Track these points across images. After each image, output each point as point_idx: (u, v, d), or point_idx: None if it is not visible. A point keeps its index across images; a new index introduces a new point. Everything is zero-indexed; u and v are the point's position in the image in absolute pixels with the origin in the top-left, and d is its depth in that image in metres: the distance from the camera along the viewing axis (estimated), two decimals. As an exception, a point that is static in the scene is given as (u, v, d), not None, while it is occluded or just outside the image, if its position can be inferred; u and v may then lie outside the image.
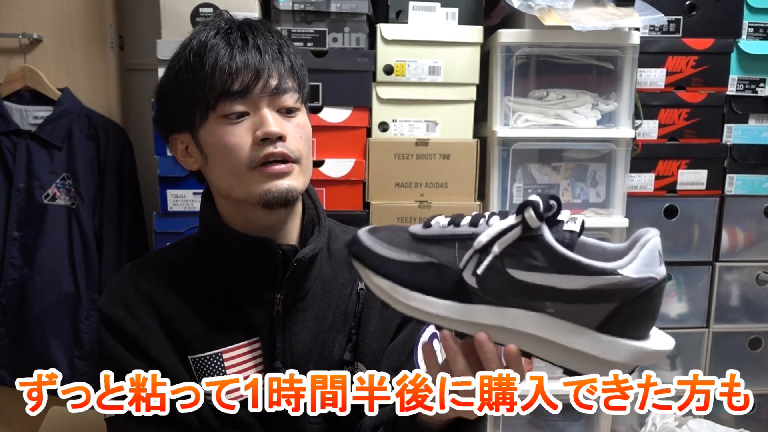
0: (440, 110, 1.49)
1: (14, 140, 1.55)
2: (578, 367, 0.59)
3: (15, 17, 1.59)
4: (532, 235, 0.58)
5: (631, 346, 0.57)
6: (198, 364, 0.85)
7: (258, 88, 0.80)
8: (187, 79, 0.82)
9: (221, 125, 0.81)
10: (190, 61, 0.82)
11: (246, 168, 0.80)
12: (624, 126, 1.51)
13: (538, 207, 0.57)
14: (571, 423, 1.61)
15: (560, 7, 1.40)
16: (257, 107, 0.81)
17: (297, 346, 0.87)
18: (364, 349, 0.90)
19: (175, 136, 0.87)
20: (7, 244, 1.55)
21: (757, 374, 1.72)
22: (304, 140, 0.84)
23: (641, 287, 0.55)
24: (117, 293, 0.86)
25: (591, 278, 0.56)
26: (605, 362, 0.57)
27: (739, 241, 1.68)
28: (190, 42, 0.83)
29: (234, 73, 0.79)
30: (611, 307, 0.56)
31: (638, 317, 0.57)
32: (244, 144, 0.80)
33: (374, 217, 1.47)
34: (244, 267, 0.86)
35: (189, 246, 0.93)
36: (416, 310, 0.65)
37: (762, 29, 1.61)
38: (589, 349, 0.57)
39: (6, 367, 1.58)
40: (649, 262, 0.56)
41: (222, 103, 0.80)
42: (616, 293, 0.56)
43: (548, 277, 0.58)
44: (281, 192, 0.81)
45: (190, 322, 0.85)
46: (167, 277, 0.87)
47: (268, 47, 0.82)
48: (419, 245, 0.65)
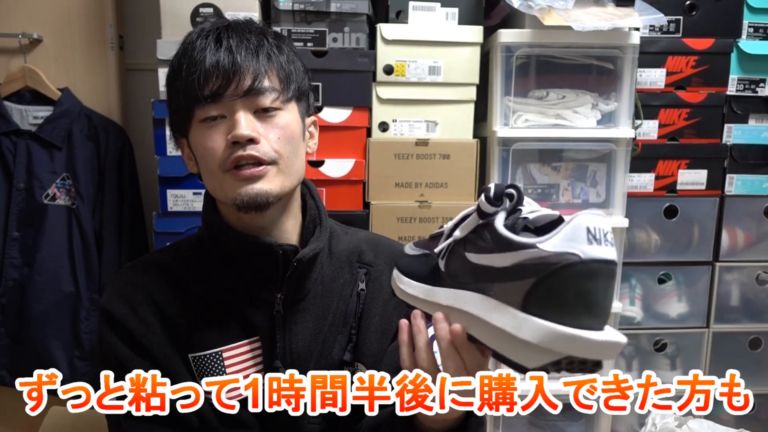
0: (440, 110, 1.49)
1: (14, 140, 1.55)
2: (500, 348, 0.58)
3: (15, 17, 1.59)
4: (488, 222, 0.60)
5: (544, 326, 0.53)
6: (198, 363, 0.86)
7: (229, 90, 0.80)
8: (171, 85, 0.85)
9: (201, 129, 0.82)
10: (175, 67, 0.84)
11: (220, 170, 0.81)
12: (624, 126, 1.51)
13: (489, 193, 0.60)
14: (571, 423, 1.61)
15: (560, 7, 1.40)
16: (231, 110, 0.81)
17: (297, 345, 0.87)
18: (364, 349, 0.90)
19: (181, 140, 0.89)
20: (7, 244, 1.55)
21: (757, 374, 1.72)
22: (285, 140, 0.83)
23: (556, 262, 0.52)
24: (119, 291, 0.87)
25: (515, 253, 0.56)
26: (518, 341, 0.55)
27: (739, 241, 1.68)
28: (180, 46, 0.85)
29: (204, 78, 0.80)
30: (530, 282, 0.54)
31: (559, 297, 0.53)
32: (218, 147, 0.81)
33: (374, 217, 1.47)
34: (244, 266, 0.87)
35: (189, 245, 0.93)
36: (400, 291, 0.73)
37: (762, 29, 1.61)
38: (505, 325, 0.56)
39: (6, 367, 1.58)
40: (572, 237, 0.53)
41: (197, 108, 0.81)
42: (531, 267, 0.54)
43: (489, 257, 0.59)
44: (250, 196, 0.81)
45: (190, 321, 0.86)
46: (169, 276, 0.88)
47: (241, 47, 0.81)
48: (429, 242, 0.72)
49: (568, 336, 0.52)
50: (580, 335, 0.52)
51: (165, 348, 0.84)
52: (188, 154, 0.89)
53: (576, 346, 0.52)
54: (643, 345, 1.68)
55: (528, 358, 0.55)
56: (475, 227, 0.62)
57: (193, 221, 1.45)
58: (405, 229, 1.47)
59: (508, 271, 0.56)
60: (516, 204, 0.61)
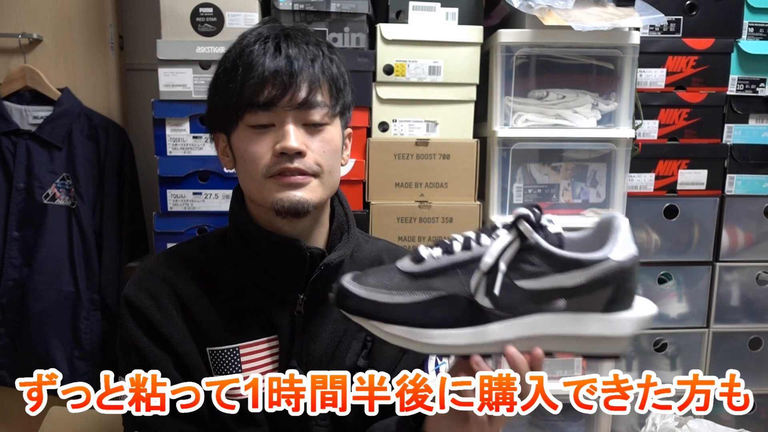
0: (440, 110, 1.49)
1: (14, 140, 1.55)
2: (595, 350, 0.65)
3: (15, 17, 1.59)
4: (528, 245, 0.63)
5: (634, 318, 0.64)
6: (215, 357, 0.87)
7: (284, 101, 0.81)
8: (224, 85, 0.84)
9: (248, 133, 0.83)
10: (228, 67, 0.84)
11: (262, 176, 0.82)
12: (624, 126, 1.51)
13: (530, 219, 0.63)
14: (571, 423, 1.61)
15: (560, 7, 1.39)
16: (282, 120, 0.82)
17: (314, 348, 0.89)
18: (378, 356, 0.91)
19: (218, 134, 0.90)
20: (7, 244, 1.55)
21: (757, 374, 1.72)
22: (328, 154, 0.85)
23: (630, 265, 0.63)
24: (143, 282, 0.88)
25: (590, 270, 0.62)
26: (618, 338, 0.64)
27: (739, 241, 1.68)
28: (234, 47, 0.85)
29: (261, 85, 0.80)
30: (610, 289, 0.63)
31: (630, 290, 0.64)
32: (264, 154, 0.82)
33: (374, 217, 1.47)
34: (270, 265, 0.88)
35: (214, 241, 0.95)
36: (441, 347, 0.65)
37: (762, 29, 1.61)
38: (601, 331, 0.63)
39: (6, 367, 1.58)
40: (628, 242, 0.63)
41: (249, 113, 0.82)
42: (612, 277, 0.62)
43: (552, 279, 0.63)
44: (292, 202, 0.82)
45: (211, 316, 0.87)
46: (192, 271, 0.89)
47: (299, 57, 0.82)
48: (420, 282, 0.65)
49: (650, 317, 0.64)
50: (653, 313, 0.65)
51: (185, 340, 0.86)
52: (224, 150, 0.90)
53: (651, 321, 0.65)
54: (643, 345, 1.68)
55: (620, 347, 0.65)
56: (516, 253, 0.64)
57: (193, 221, 1.45)
58: (405, 229, 1.47)
59: (584, 287, 0.62)
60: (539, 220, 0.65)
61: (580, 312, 0.63)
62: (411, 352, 0.90)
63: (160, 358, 0.84)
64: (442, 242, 0.67)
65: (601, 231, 0.67)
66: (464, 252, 0.65)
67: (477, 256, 0.64)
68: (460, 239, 0.66)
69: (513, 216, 0.64)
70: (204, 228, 1.45)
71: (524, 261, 0.63)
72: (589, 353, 0.65)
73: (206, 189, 1.44)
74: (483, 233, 0.66)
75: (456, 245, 0.66)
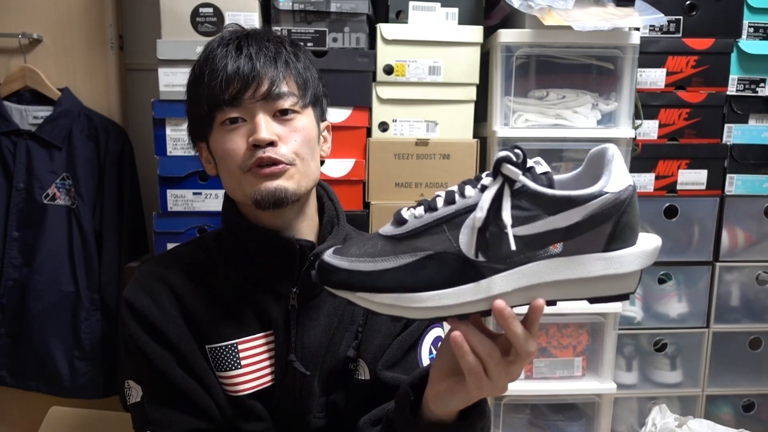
0: (440, 110, 1.49)
1: (14, 140, 1.55)
2: (601, 292, 0.60)
3: (15, 17, 1.59)
4: (517, 189, 0.58)
5: (638, 252, 0.59)
6: (214, 354, 0.88)
7: (248, 94, 0.83)
8: (194, 91, 0.88)
9: (222, 132, 0.86)
10: (197, 74, 0.87)
11: (240, 170, 0.85)
12: (624, 126, 1.51)
13: (512, 160, 0.58)
14: (571, 423, 1.61)
15: (560, 7, 1.40)
16: (252, 114, 0.85)
17: (309, 340, 0.90)
18: (366, 346, 0.92)
19: (199, 144, 0.93)
20: (7, 244, 1.55)
21: (757, 374, 1.71)
22: (302, 142, 0.86)
23: (628, 196, 0.59)
24: (141, 283, 0.90)
25: (584, 207, 0.58)
26: (623, 275, 0.59)
27: (739, 241, 1.68)
28: (201, 55, 0.88)
29: (225, 84, 0.83)
30: (609, 224, 0.58)
31: (631, 224, 0.59)
32: (239, 149, 0.84)
33: (374, 217, 1.47)
34: (262, 260, 0.89)
35: (210, 240, 0.97)
36: (434, 309, 0.60)
37: (762, 29, 1.61)
38: (604, 270, 0.59)
39: (6, 367, 1.57)
40: (623, 173, 0.59)
41: (218, 112, 0.85)
42: (610, 211, 0.58)
43: (546, 222, 0.58)
44: (269, 190, 0.83)
45: (208, 313, 0.89)
46: (189, 271, 0.91)
47: (260, 54, 0.85)
48: (404, 244, 0.61)
49: (655, 249, 0.60)
50: (657, 245, 0.60)
51: (186, 338, 0.87)
52: (207, 157, 0.93)
53: (656, 254, 0.60)
54: (644, 345, 1.68)
55: (628, 285, 0.60)
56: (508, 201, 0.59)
57: (193, 221, 1.45)
58: (405, 229, 1.47)
59: (579, 225, 0.58)
60: (524, 163, 0.60)
61: (580, 254, 0.58)
62: (401, 336, 0.91)
63: (164, 357, 0.85)
64: (424, 201, 0.63)
65: (593, 166, 0.62)
66: (448, 206, 0.61)
67: (462, 208, 0.60)
68: (442, 194, 0.62)
69: (494, 161, 0.59)
70: (204, 228, 1.45)
71: (513, 207, 0.58)
72: (594, 296, 0.60)
73: (206, 189, 1.44)
74: (467, 184, 0.62)
75: (439, 201, 0.62)
